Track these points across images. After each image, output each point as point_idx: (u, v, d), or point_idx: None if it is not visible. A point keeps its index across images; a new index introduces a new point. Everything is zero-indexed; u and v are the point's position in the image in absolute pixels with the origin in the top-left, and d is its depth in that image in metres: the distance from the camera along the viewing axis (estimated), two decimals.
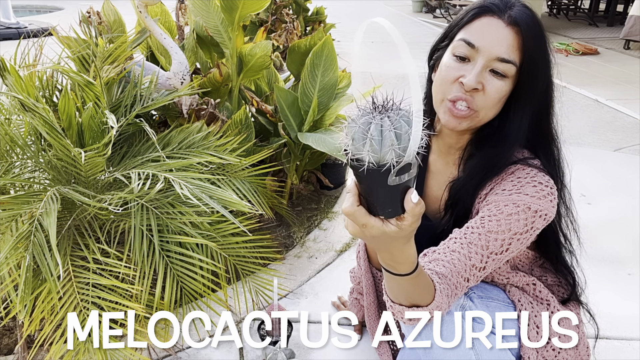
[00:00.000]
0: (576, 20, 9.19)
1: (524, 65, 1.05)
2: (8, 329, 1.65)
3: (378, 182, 0.66)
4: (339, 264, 2.10)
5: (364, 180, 0.68)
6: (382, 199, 0.70)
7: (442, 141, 1.21)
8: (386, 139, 0.63)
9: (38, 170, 1.57)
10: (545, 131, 1.15)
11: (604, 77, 5.44)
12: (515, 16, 1.04)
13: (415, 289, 0.87)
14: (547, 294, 1.20)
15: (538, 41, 1.06)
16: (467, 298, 1.14)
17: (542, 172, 1.08)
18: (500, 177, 1.10)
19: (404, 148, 0.64)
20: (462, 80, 1.05)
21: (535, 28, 1.05)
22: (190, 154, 1.67)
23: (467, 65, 1.06)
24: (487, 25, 1.06)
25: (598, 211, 2.56)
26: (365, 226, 0.72)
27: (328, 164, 2.59)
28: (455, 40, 1.09)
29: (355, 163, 0.66)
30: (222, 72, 2.10)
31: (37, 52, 1.68)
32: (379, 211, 0.71)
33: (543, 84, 1.09)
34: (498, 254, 1.02)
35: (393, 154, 0.64)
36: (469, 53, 1.06)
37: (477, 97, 1.05)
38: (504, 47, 1.04)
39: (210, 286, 1.48)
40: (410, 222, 0.71)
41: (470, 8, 1.10)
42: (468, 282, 1.00)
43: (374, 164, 0.64)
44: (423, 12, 11.11)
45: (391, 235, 0.72)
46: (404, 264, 0.81)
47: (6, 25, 6.95)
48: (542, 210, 1.04)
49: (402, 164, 0.65)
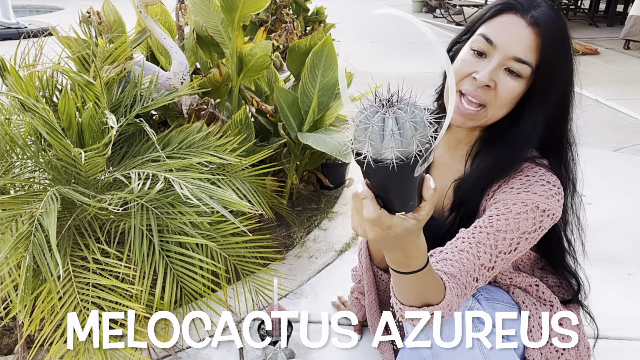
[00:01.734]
0: (576, 20, 9.18)
1: (540, 68, 1.03)
2: (8, 329, 1.65)
3: (403, 177, 0.64)
4: (339, 264, 2.09)
5: (386, 179, 0.65)
6: (404, 194, 0.67)
7: (451, 135, 1.20)
8: (407, 130, 0.61)
9: (38, 170, 1.57)
10: (559, 137, 1.13)
11: (604, 77, 5.44)
12: (537, 17, 1.02)
13: (427, 285, 0.85)
14: (550, 295, 1.20)
15: (558, 44, 1.04)
16: (474, 300, 1.13)
17: (550, 171, 1.08)
18: (508, 175, 1.09)
19: (425, 135, 0.62)
20: (475, 76, 1.04)
21: (557, 31, 1.03)
22: (190, 154, 1.67)
23: (482, 61, 1.05)
24: (508, 22, 1.04)
25: (598, 211, 2.56)
26: (391, 227, 0.69)
27: (328, 164, 2.58)
28: (475, 35, 1.08)
29: (377, 164, 0.62)
30: (222, 72, 2.10)
31: (37, 52, 1.68)
32: (398, 208, 0.69)
33: (560, 88, 1.07)
34: (507, 254, 1.01)
35: (416, 144, 0.62)
36: (486, 49, 1.04)
37: (488, 94, 1.04)
38: (522, 47, 1.02)
39: (210, 286, 1.48)
40: (427, 211, 0.70)
41: (495, 3, 1.08)
42: (477, 282, 0.99)
43: (402, 158, 0.61)
44: (423, 12, 11.11)
45: (410, 230, 0.71)
46: (417, 257, 0.79)
47: (6, 25, 6.95)
48: (550, 210, 1.03)
49: (430, 151, 0.63)
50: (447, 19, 9.45)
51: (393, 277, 0.86)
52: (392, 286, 0.89)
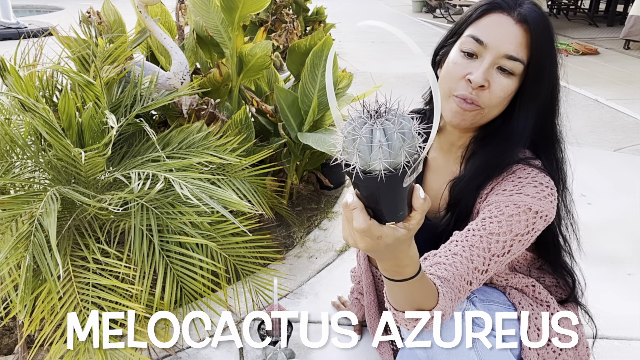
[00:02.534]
0: (576, 20, 9.19)
1: (531, 64, 1.04)
2: (8, 329, 1.66)
3: (392, 187, 0.64)
4: (339, 264, 2.10)
5: (375, 189, 0.64)
6: (394, 204, 0.67)
7: (444, 138, 1.20)
8: (395, 141, 0.61)
9: (38, 170, 1.57)
10: (549, 132, 1.14)
11: (604, 77, 5.44)
12: (524, 13, 1.03)
13: (419, 292, 0.86)
14: (547, 296, 1.20)
15: (546, 40, 1.05)
16: (469, 302, 1.13)
17: (543, 172, 1.08)
18: (501, 177, 1.09)
19: (413, 146, 0.62)
20: (469, 78, 1.04)
21: (544, 26, 1.05)
22: (190, 154, 1.67)
23: (474, 62, 1.05)
24: (496, 22, 1.05)
25: (598, 211, 2.56)
26: (381, 237, 0.69)
27: (328, 164, 2.58)
28: (463, 37, 1.08)
29: (366, 175, 0.62)
30: (222, 72, 2.10)
31: (37, 52, 1.68)
32: (388, 218, 0.69)
33: (550, 83, 1.08)
34: (500, 256, 1.01)
35: (404, 155, 0.61)
36: (477, 50, 1.05)
37: (482, 95, 1.05)
38: (513, 44, 1.03)
39: (210, 286, 1.48)
40: (418, 220, 0.70)
41: (480, 4, 1.09)
42: (471, 286, 0.99)
43: (391, 169, 0.61)
44: (423, 12, 11.11)
45: (401, 239, 0.71)
46: (409, 266, 0.79)
47: (6, 25, 6.96)
48: (543, 212, 1.03)
49: (418, 162, 0.63)
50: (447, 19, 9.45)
51: (386, 284, 0.86)
52: (386, 292, 0.89)
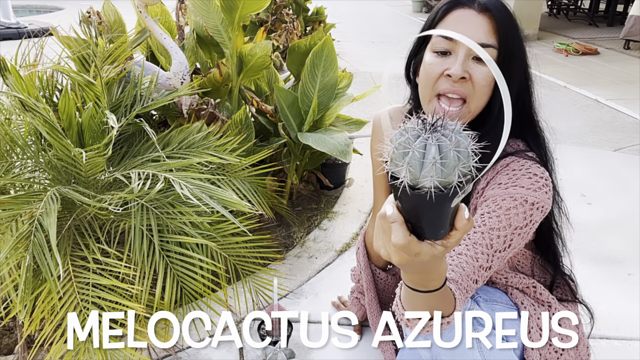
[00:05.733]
0: (576, 20, 9.18)
1: (501, 47, 1.07)
2: (8, 329, 1.66)
3: (439, 207, 0.60)
4: (339, 264, 2.10)
5: (420, 206, 0.61)
6: (437, 223, 0.64)
7: None
8: (450, 160, 0.57)
9: (38, 170, 1.57)
10: (528, 112, 1.16)
11: (604, 77, 5.44)
12: (484, 3, 1.07)
13: (440, 301, 0.84)
14: (548, 296, 1.20)
15: (510, 23, 1.09)
16: (473, 302, 1.14)
17: (537, 163, 1.09)
18: (495, 171, 1.10)
19: (467, 166, 0.58)
20: (448, 73, 1.06)
21: (505, 11, 1.08)
22: (190, 154, 1.67)
23: (449, 59, 1.07)
24: (460, 17, 1.08)
25: (598, 211, 2.56)
26: (419, 254, 0.67)
27: (328, 164, 2.59)
28: (432, 38, 1.10)
29: (413, 191, 0.59)
30: (222, 72, 2.10)
31: (37, 52, 1.68)
32: (428, 235, 0.65)
33: (522, 63, 1.11)
34: (502, 251, 1.02)
35: (457, 175, 0.58)
36: (449, 46, 1.07)
37: (466, 87, 1.06)
38: (481, 33, 1.05)
39: (210, 286, 1.48)
40: (457, 239, 0.67)
41: (440, 6, 1.12)
42: (477, 284, 0.99)
43: (441, 188, 0.58)
44: (423, 12, 11.11)
45: (437, 257, 0.68)
46: (436, 279, 0.78)
47: (6, 25, 6.95)
48: (539, 202, 1.04)
49: (470, 184, 0.59)
50: None
51: (405, 292, 0.84)
52: (401, 296, 0.87)
